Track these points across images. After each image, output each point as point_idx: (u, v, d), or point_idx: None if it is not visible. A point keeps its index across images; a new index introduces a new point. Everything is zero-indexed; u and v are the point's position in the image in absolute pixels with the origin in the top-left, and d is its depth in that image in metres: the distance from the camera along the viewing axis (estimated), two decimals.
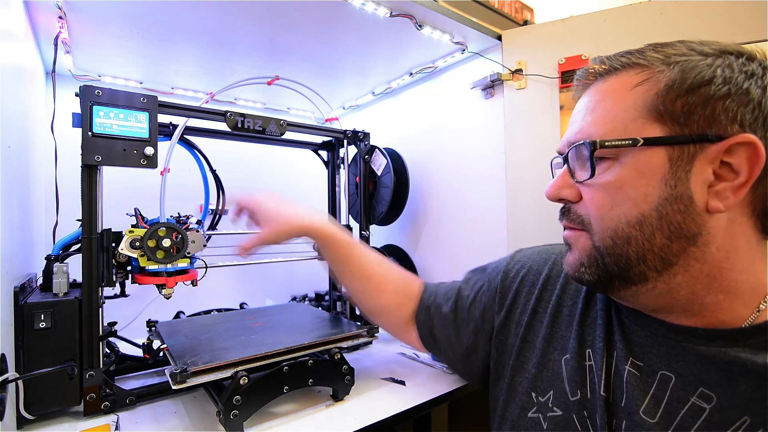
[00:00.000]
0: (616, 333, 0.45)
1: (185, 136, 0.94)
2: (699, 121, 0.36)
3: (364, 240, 1.07)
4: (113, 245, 0.72)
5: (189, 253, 0.78)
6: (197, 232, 0.79)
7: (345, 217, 1.11)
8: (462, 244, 1.10)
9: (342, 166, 1.13)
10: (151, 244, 0.73)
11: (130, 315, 1.06)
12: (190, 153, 0.98)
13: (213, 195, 1.04)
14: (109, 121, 0.69)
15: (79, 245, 0.71)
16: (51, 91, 0.95)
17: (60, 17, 0.82)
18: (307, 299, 1.20)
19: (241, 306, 1.17)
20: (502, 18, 0.98)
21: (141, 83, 1.19)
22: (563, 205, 0.46)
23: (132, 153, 0.71)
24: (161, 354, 0.80)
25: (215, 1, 0.79)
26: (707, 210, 0.37)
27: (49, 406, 0.66)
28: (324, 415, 0.70)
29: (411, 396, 0.76)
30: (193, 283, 0.83)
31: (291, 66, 1.11)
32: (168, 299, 0.78)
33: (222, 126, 0.87)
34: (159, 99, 0.75)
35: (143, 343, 0.84)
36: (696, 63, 0.37)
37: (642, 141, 0.37)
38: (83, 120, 0.68)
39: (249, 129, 0.87)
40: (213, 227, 1.08)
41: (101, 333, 0.71)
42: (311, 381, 0.72)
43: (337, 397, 0.74)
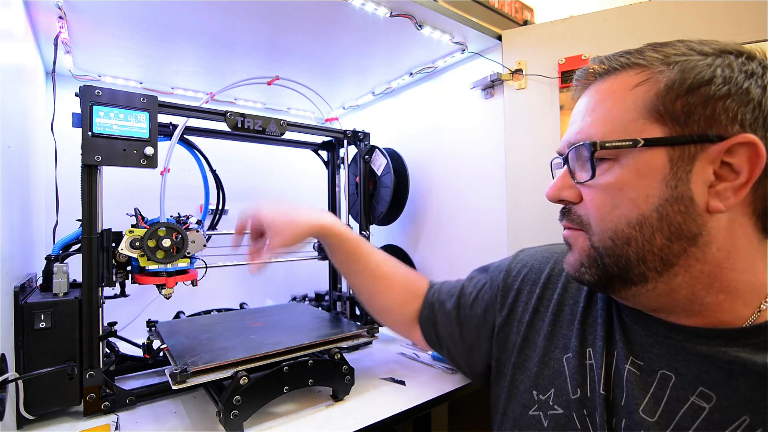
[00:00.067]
0: (616, 332, 0.46)
1: (185, 136, 0.94)
2: (699, 122, 0.36)
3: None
4: (113, 245, 0.72)
5: (189, 253, 0.78)
6: (197, 232, 0.79)
7: (345, 217, 1.11)
8: (462, 244, 1.10)
9: (342, 166, 1.13)
10: (151, 244, 0.73)
11: (130, 315, 1.06)
12: (190, 153, 0.98)
13: (213, 195, 1.05)
14: (109, 121, 0.69)
15: (79, 245, 0.71)
16: (51, 91, 0.96)
17: (60, 17, 0.82)
18: (307, 299, 1.20)
19: (241, 306, 1.17)
20: (502, 18, 0.98)
21: (141, 83, 1.19)
22: (563, 206, 0.46)
23: (132, 153, 0.71)
24: (161, 354, 0.80)
25: (215, 1, 0.79)
26: (708, 210, 0.37)
27: (49, 406, 0.66)
28: (324, 415, 0.70)
29: (411, 396, 0.76)
30: (193, 283, 0.83)
31: (291, 66, 1.11)
32: (168, 299, 0.78)
33: (222, 126, 0.87)
34: (159, 99, 0.75)
35: (143, 343, 0.84)
36: (696, 63, 0.37)
37: (642, 142, 0.37)
38: (83, 120, 0.68)
39: (249, 129, 0.87)
40: (213, 227, 1.09)
41: (101, 333, 0.71)
42: (311, 381, 0.72)
43: (337, 397, 0.74)
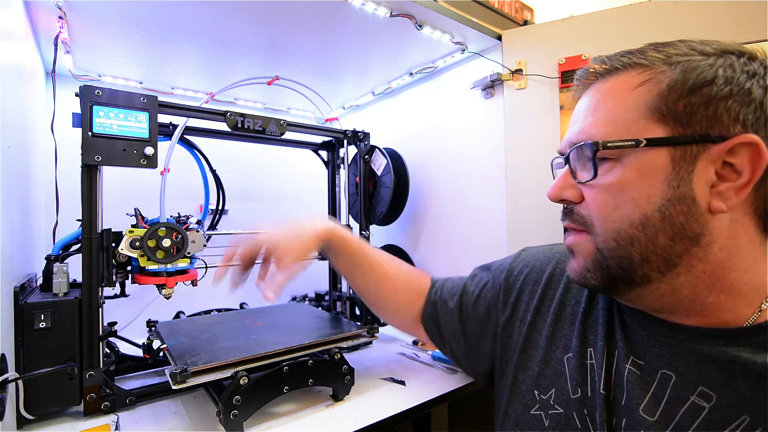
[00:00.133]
0: (617, 332, 0.46)
1: (185, 136, 0.94)
2: (701, 122, 0.36)
3: (364, 240, 1.07)
4: (113, 245, 0.72)
5: (189, 253, 0.78)
6: (197, 232, 0.79)
7: (345, 217, 1.11)
8: (462, 244, 1.10)
9: (342, 166, 1.13)
10: (151, 244, 0.73)
11: (130, 315, 1.06)
12: (190, 153, 0.98)
13: (213, 195, 1.05)
14: (109, 121, 0.69)
15: (79, 245, 0.71)
16: (51, 91, 0.95)
17: (60, 17, 0.82)
18: (307, 299, 1.20)
19: (241, 306, 1.17)
20: (502, 18, 0.98)
21: (141, 83, 1.19)
22: (565, 206, 0.46)
23: (132, 153, 0.71)
24: (161, 354, 0.80)
25: (215, 1, 0.79)
26: (710, 210, 0.37)
27: (49, 406, 0.66)
28: (324, 415, 0.70)
29: (411, 396, 0.76)
30: (193, 283, 0.83)
31: (291, 66, 1.11)
32: (168, 299, 0.78)
33: (222, 126, 0.86)
34: (159, 99, 0.75)
35: (143, 343, 0.84)
36: (698, 63, 0.37)
37: (644, 142, 0.37)
38: (83, 120, 0.68)
39: (249, 129, 0.87)
40: (213, 227, 1.09)
41: (101, 333, 0.71)
42: (311, 381, 0.72)
43: (337, 397, 0.74)
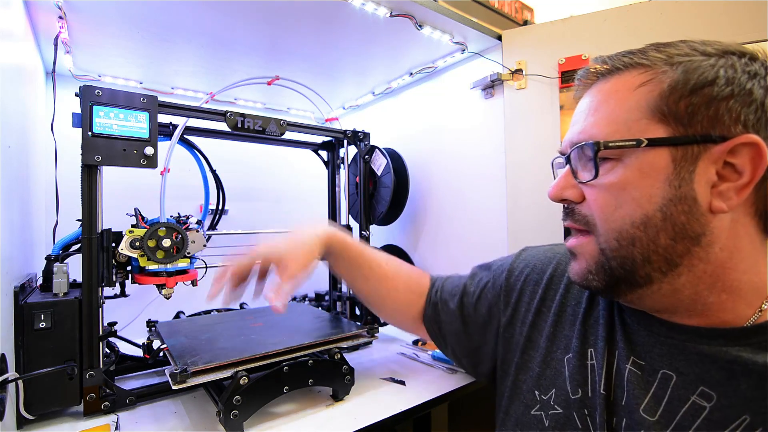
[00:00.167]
0: (617, 332, 0.46)
1: (185, 136, 0.94)
2: (703, 122, 0.36)
3: (364, 240, 1.07)
4: (113, 245, 0.72)
5: (189, 253, 0.78)
6: (197, 232, 0.79)
7: (345, 217, 1.11)
8: (462, 244, 1.10)
9: (342, 166, 1.13)
10: (151, 244, 0.73)
11: (130, 315, 1.06)
12: (190, 153, 0.98)
13: (213, 195, 1.05)
14: (109, 121, 0.69)
15: (79, 245, 0.71)
16: (51, 91, 0.96)
17: (60, 17, 0.82)
18: (307, 299, 1.20)
19: (241, 306, 1.17)
20: (502, 18, 0.98)
21: (141, 83, 1.19)
22: (566, 206, 0.46)
23: (132, 153, 0.71)
24: (161, 354, 0.80)
25: (215, 1, 0.79)
26: (711, 210, 0.37)
27: (49, 406, 0.66)
28: (324, 415, 0.70)
29: (411, 396, 0.76)
30: (193, 283, 0.83)
31: (291, 66, 1.11)
32: (168, 299, 0.78)
33: (222, 126, 0.86)
34: (159, 99, 0.75)
35: (143, 343, 0.84)
36: (699, 63, 0.37)
37: (646, 142, 0.37)
38: (83, 120, 0.68)
39: (249, 129, 0.87)
40: (213, 227, 1.09)
41: (101, 333, 0.71)
42: (311, 381, 0.72)
43: (337, 397, 0.74)
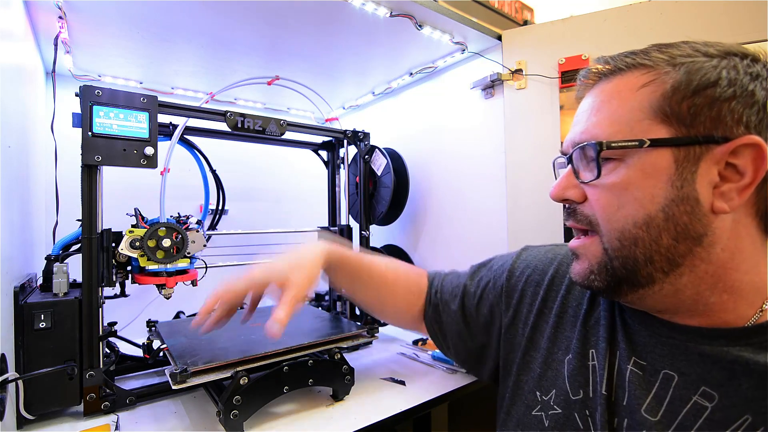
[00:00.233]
0: (619, 333, 0.46)
1: (185, 136, 0.94)
2: (705, 123, 0.36)
3: (364, 240, 1.07)
4: (113, 245, 0.72)
5: (189, 253, 0.78)
6: (197, 232, 0.79)
7: (345, 217, 1.11)
8: (462, 244, 1.10)
9: (342, 166, 1.13)
10: (151, 244, 0.73)
11: (130, 315, 1.06)
12: (190, 153, 0.98)
13: (213, 195, 1.05)
14: (109, 121, 0.69)
15: (79, 245, 0.71)
16: (51, 91, 0.96)
17: (60, 17, 0.82)
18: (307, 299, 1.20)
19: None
20: (502, 18, 0.98)
21: (141, 83, 1.19)
22: (568, 206, 0.46)
23: (132, 153, 0.71)
24: (161, 354, 0.80)
25: (215, 2, 0.79)
26: (713, 211, 0.37)
27: (49, 406, 0.66)
28: (324, 415, 0.70)
29: (411, 396, 0.76)
30: (193, 283, 0.83)
31: (291, 66, 1.11)
32: (168, 299, 0.78)
33: (222, 126, 0.87)
34: (159, 99, 0.75)
35: (143, 343, 0.84)
36: (701, 64, 0.37)
37: (648, 142, 0.37)
38: (83, 120, 0.68)
39: (249, 129, 0.87)
40: (213, 227, 1.08)
41: (101, 333, 0.71)
42: (311, 381, 0.72)
43: (337, 397, 0.74)
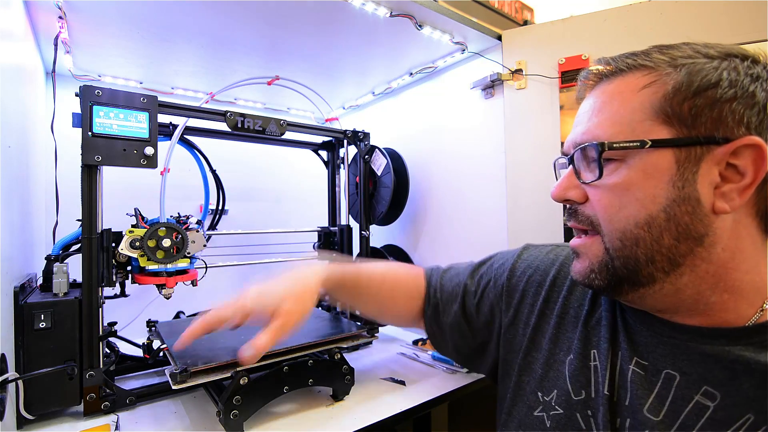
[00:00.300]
0: (620, 333, 0.46)
1: (185, 136, 0.94)
2: (706, 124, 0.37)
3: (364, 240, 1.07)
4: (113, 245, 0.72)
5: (189, 253, 0.78)
6: (197, 232, 0.79)
7: (345, 217, 1.11)
8: (462, 244, 1.10)
9: (342, 166, 1.13)
10: (151, 244, 0.73)
11: (130, 315, 1.06)
12: (190, 153, 0.98)
13: (213, 195, 1.05)
14: (109, 121, 0.69)
15: (79, 245, 0.71)
16: (51, 91, 0.96)
17: (60, 17, 0.82)
18: None
19: None
20: (502, 18, 0.98)
21: (141, 83, 1.19)
22: (570, 207, 0.46)
23: (132, 153, 0.71)
24: (161, 354, 0.80)
25: (215, 1, 0.79)
26: (714, 211, 0.37)
27: (49, 406, 0.66)
28: (324, 415, 0.70)
29: (411, 396, 0.76)
30: (193, 283, 0.83)
31: (291, 66, 1.11)
32: (168, 299, 0.78)
33: (222, 126, 0.87)
34: (159, 99, 0.75)
35: (143, 343, 0.84)
36: (702, 66, 0.37)
37: (650, 143, 0.38)
38: (83, 120, 0.68)
39: (249, 129, 0.87)
40: (213, 227, 1.08)
41: (101, 333, 0.71)
42: (311, 381, 0.72)
43: (337, 397, 0.74)
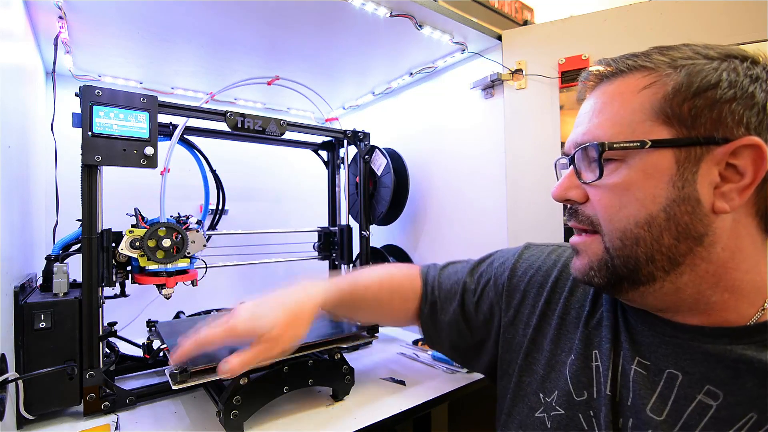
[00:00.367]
0: (622, 333, 0.46)
1: (185, 136, 0.94)
2: (706, 124, 0.37)
3: (364, 240, 1.07)
4: (113, 245, 0.72)
5: (189, 253, 0.78)
6: (197, 232, 0.79)
7: (345, 217, 1.11)
8: (462, 244, 1.10)
9: (342, 166, 1.13)
10: (151, 244, 0.73)
11: (130, 315, 1.06)
12: (190, 153, 0.98)
13: (213, 195, 1.05)
14: (109, 121, 0.69)
15: (79, 245, 0.71)
16: (51, 91, 0.96)
17: (60, 17, 0.82)
18: None
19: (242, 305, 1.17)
20: (502, 18, 0.98)
21: (141, 83, 1.19)
22: (570, 207, 0.46)
23: (132, 153, 0.71)
24: (161, 354, 0.80)
25: (215, 1, 0.79)
26: (713, 211, 0.37)
27: (49, 406, 0.66)
28: (324, 415, 0.70)
29: (411, 396, 0.76)
30: (193, 283, 0.83)
31: (291, 66, 1.11)
32: (168, 299, 0.78)
33: (222, 126, 0.86)
34: (159, 99, 0.75)
35: (143, 343, 0.84)
36: (702, 67, 0.38)
37: (650, 143, 0.38)
38: (83, 120, 0.68)
39: (249, 129, 0.87)
40: (213, 227, 1.08)
41: (101, 333, 0.71)
42: (311, 381, 0.72)
43: (337, 397, 0.74)
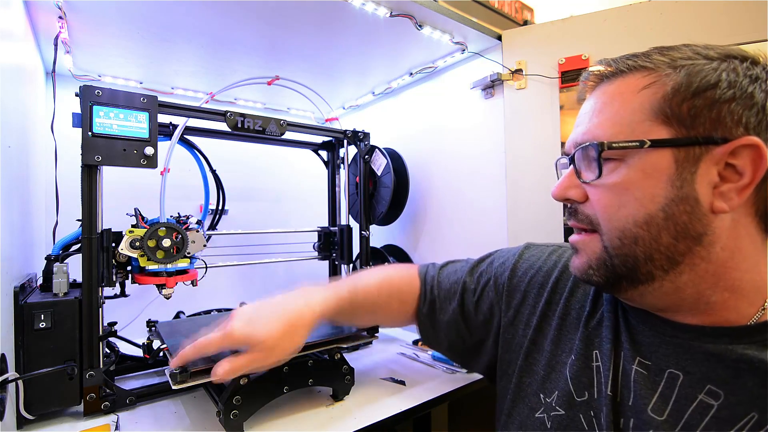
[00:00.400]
0: (622, 333, 0.46)
1: (185, 136, 0.94)
2: (705, 124, 0.37)
3: (364, 240, 1.07)
4: (113, 245, 0.72)
5: (189, 253, 0.78)
6: (197, 232, 0.79)
7: (345, 217, 1.11)
8: (462, 244, 1.10)
9: (342, 166, 1.13)
10: (151, 244, 0.73)
11: (130, 315, 1.06)
12: (190, 153, 0.98)
13: (213, 195, 1.05)
14: (109, 121, 0.69)
15: (79, 245, 0.71)
16: (51, 91, 0.95)
17: (60, 17, 0.82)
18: None
19: (241, 305, 1.17)
20: (502, 18, 0.98)
21: (141, 83, 1.19)
22: (570, 206, 0.46)
23: (132, 153, 0.71)
24: (161, 354, 0.80)
25: (215, 1, 0.79)
26: (712, 210, 0.37)
27: (49, 406, 0.66)
28: (324, 415, 0.70)
29: (411, 396, 0.76)
30: (193, 283, 0.83)
31: (291, 66, 1.11)
32: (168, 299, 0.78)
33: (222, 126, 0.86)
34: (159, 99, 0.75)
35: (143, 343, 0.84)
36: (702, 67, 0.38)
37: (649, 143, 0.38)
38: (83, 120, 0.68)
39: (249, 129, 0.87)
40: (213, 227, 1.08)
41: (101, 333, 0.71)
42: (311, 381, 0.72)
43: (337, 397, 0.74)
